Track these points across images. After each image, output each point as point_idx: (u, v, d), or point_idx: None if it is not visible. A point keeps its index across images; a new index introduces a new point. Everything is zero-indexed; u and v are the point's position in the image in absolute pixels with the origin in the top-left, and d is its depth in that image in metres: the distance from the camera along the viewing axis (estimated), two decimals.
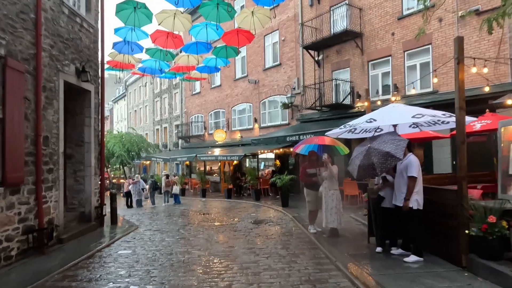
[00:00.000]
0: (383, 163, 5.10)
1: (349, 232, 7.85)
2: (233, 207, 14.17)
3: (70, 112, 8.86)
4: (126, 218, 11.96)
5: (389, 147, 5.17)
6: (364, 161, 5.35)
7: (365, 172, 5.35)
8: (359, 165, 5.41)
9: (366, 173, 5.35)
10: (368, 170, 5.28)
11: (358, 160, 5.49)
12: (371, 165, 5.21)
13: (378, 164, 5.12)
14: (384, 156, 5.12)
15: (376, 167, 5.13)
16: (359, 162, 5.44)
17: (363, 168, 5.34)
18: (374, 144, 5.48)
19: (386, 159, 5.10)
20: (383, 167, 5.13)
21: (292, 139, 13.57)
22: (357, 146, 6.18)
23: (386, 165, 5.12)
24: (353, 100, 14.22)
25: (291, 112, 17.53)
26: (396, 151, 5.10)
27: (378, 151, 5.21)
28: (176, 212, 13.81)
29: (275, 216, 11.02)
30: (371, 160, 5.23)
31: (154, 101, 35.46)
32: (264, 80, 19.53)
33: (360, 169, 5.39)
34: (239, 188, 18.65)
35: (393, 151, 5.09)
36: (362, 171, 5.38)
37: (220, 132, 22.43)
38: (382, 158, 5.12)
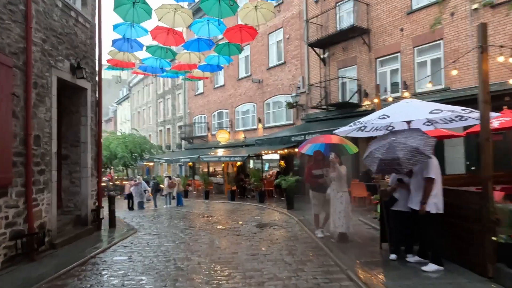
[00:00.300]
0: (410, 159, 4.65)
1: (359, 236, 7.38)
2: (236, 210, 13.74)
3: (66, 110, 8.48)
4: (126, 221, 11.56)
5: (417, 143, 4.73)
6: (387, 155, 4.88)
7: (387, 167, 4.87)
8: (381, 158, 4.94)
9: (389, 168, 4.86)
10: (391, 164, 4.80)
11: (379, 153, 5.03)
12: (395, 160, 4.74)
13: (404, 159, 4.66)
14: (412, 151, 4.67)
15: (402, 162, 4.67)
16: (380, 156, 4.98)
17: (385, 162, 4.87)
18: (399, 138, 5.03)
19: (413, 155, 4.65)
20: (410, 163, 4.67)
21: (297, 139, 13.12)
22: (375, 139, 5.72)
23: (413, 161, 4.67)
24: (360, 98, 13.74)
25: (296, 111, 17.08)
26: (425, 148, 4.65)
27: (405, 146, 4.76)
28: (177, 214, 13.40)
29: (280, 219, 10.57)
30: (395, 155, 4.77)
31: (157, 102, 35.18)
32: (268, 80, 19.10)
33: (381, 163, 4.92)
34: (243, 189, 18.21)
35: (421, 148, 4.64)
36: (384, 165, 4.90)
37: (224, 132, 22.03)
38: (410, 153, 4.67)
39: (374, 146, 5.29)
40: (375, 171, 5.07)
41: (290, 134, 13.91)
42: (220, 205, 16.21)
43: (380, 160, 4.92)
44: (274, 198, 16.70)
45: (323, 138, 7.73)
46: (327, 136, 7.72)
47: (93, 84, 8.92)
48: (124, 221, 11.70)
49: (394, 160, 4.75)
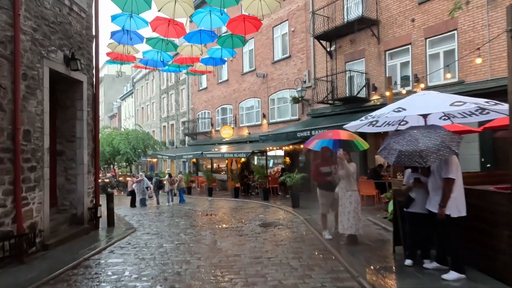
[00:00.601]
0: (435, 153, 4.19)
1: (369, 238, 6.93)
2: (240, 207, 13.34)
3: (60, 104, 8.10)
4: (126, 219, 11.21)
5: (442, 137, 4.28)
6: (407, 147, 4.43)
7: (407, 159, 4.40)
8: (400, 150, 4.48)
9: (408, 160, 4.40)
10: (411, 157, 4.34)
11: (398, 145, 4.58)
12: (416, 152, 4.29)
13: (427, 152, 4.21)
14: (437, 145, 4.22)
15: (424, 155, 4.21)
16: (399, 147, 4.53)
17: (405, 154, 4.41)
18: (422, 131, 4.59)
19: (438, 149, 4.19)
20: (433, 157, 4.21)
21: (303, 135, 12.67)
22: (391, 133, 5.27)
23: (437, 156, 4.20)
24: (369, 92, 13.23)
25: (301, 106, 16.60)
26: (451, 143, 4.20)
27: (429, 139, 4.32)
28: (179, 212, 13.02)
29: (285, 218, 10.14)
30: (417, 147, 4.31)
31: (161, 97, 34.82)
32: (272, 74, 18.62)
33: (400, 155, 4.46)
34: (247, 186, 17.80)
35: (447, 142, 4.19)
36: (403, 157, 4.44)
37: (227, 128, 21.61)
38: (434, 147, 4.22)
39: (392, 139, 4.84)
40: (392, 162, 4.60)
41: (296, 130, 13.45)
42: (223, 202, 15.82)
43: (399, 152, 4.46)
44: (279, 195, 16.27)
45: (331, 134, 7.26)
46: (336, 132, 7.24)
47: (89, 77, 8.53)
48: (124, 219, 11.36)
49: (415, 152, 4.30)
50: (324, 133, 7.69)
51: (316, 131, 11.60)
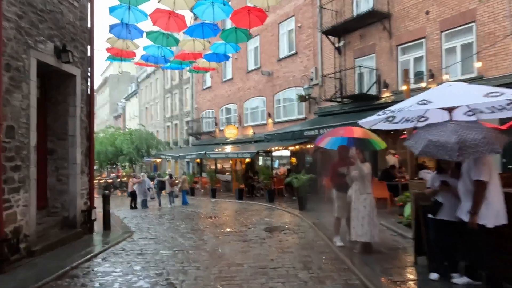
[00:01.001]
0: (472, 148, 3.59)
1: (385, 246, 6.31)
2: (244, 210, 12.75)
3: (52, 100, 7.58)
4: (125, 222, 10.69)
5: (485, 133, 3.67)
6: (440, 137, 3.83)
7: (436, 150, 3.80)
8: (431, 139, 3.89)
9: (437, 152, 3.79)
10: (442, 148, 3.74)
11: (430, 134, 3.99)
12: (449, 144, 3.69)
13: (462, 146, 3.61)
14: (477, 140, 3.61)
15: (459, 148, 3.61)
16: (430, 136, 3.94)
17: (435, 144, 3.82)
18: (460, 123, 4.00)
19: (477, 144, 3.58)
20: (469, 152, 3.62)
21: (310, 134, 12.06)
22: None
23: (475, 151, 3.61)
24: (379, 89, 12.60)
25: (308, 105, 16.00)
26: (494, 141, 3.59)
27: (468, 133, 3.72)
28: (181, 215, 12.48)
29: (292, 222, 9.54)
30: (453, 139, 3.71)
31: (165, 97, 34.39)
32: (278, 72, 18.04)
33: (429, 144, 3.87)
34: (251, 188, 17.22)
35: (490, 139, 3.58)
36: (432, 147, 3.84)
37: (232, 128, 21.06)
38: (473, 141, 3.62)
39: (424, 129, 4.26)
40: (418, 152, 4.00)
41: (302, 129, 12.83)
42: (227, 204, 15.26)
43: (428, 141, 3.87)
44: (285, 197, 15.67)
45: (343, 131, 6.64)
46: (348, 129, 6.61)
47: (83, 71, 8.00)
48: (123, 221, 10.85)
49: (447, 143, 3.70)
50: (336, 130, 7.05)
51: (325, 130, 10.99)
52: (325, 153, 15.06)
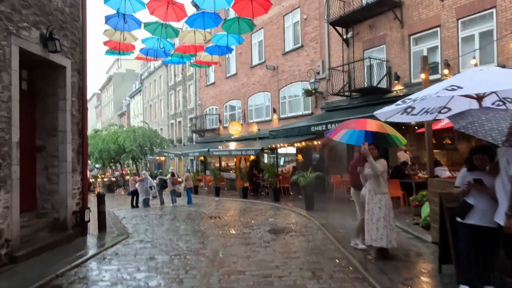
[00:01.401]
0: None
1: (402, 251, 5.71)
2: (248, 209, 12.20)
3: (41, 93, 7.07)
4: (123, 222, 10.18)
5: None
6: (494, 119, 3.23)
7: (481, 129, 3.17)
8: (480, 116, 3.31)
9: (483, 131, 3.16)
10: (490, 130, 3.12)
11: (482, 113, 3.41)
12: (501, 128, 3.08)
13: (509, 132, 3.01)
14: None
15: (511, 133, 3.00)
16: (482, 115, 3.35)
17: (482, 124, 3.22)
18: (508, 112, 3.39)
19: None
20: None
21: (318, 129, 11.45)
22: None
23: None
24: (390, 82, 11.95)
25: (314, 100, 15.38)
26: None
27: None
28: (182, 214, 11.96)
29: (298, 223, 8.96)
30: (506, 124, 3.10)
31: (168, 94, 33.93)
32: (283, 66, 17.42)
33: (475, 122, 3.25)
34: (256, 186, 16.66)
35: None
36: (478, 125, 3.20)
37: (236, 124, 20.50)
38: None
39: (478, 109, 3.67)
40: (458, 126, 3.37)
41: (309, 124, 12.22)
42: (231, 203, 14.72)
43: (477, 117, 3.30)
44: (291, 196, 15.09)
45: (355, 124, 5.99)
46: (361, 122, 5.97)
47: (74, 62, 7.47)
48: (121, 222, 10.36)
49: (497, 125, 3.09)
50: (348, 122, 6.37)
51: (333, 125, 10.39)
52: (332, 149, 14.47)
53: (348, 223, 8.18)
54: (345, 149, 13.77)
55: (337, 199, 12.20)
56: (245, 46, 20.46)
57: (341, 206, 10.90)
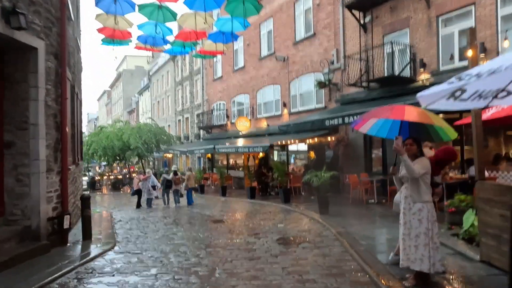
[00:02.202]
0: None
1: (447, 274, 4.49)
2: (255, 212, 11.07)
3: (10, 80, 6.04)
4: (116, 227, 9.19)
5: None
6: None
7: None
8: None
9: None
10: None
11: None
12: None
13: None
14: None
15: None
16: None
17: None
18: None
19: None
20: None
21: (333, 123, 10.22)
22: None
23: None
24: (415, 71, 10.65)
25: (328, 92, 14.14)
26: None
27: None
28: (183, 217, 10.91)
29: (311, 230, 7.78)
30: None
31: (175, 90, 32.98)
32: (294, 56, 16.19)
33: None
34: (265, 186, 15.51)
35: None
36: None
37: (244, 120, 19.37)
38: None
39: None
40: None
41: (323, 117, 10.97)
42: (238, 204, 13.62)
43: None
44: (302, 196, 13.91)
45: (390, 112, 4.67)
46: (398, 109, 4.59)
47: (49, 44, 6.42)
48: (114, 226, 9.36)
49: None
50: (382, 110, 4.96)
51: (351, 118, 9.16)
52: (348, 146, 13.23)
53: (369, 233, 7.00)
54: (361, 146, 12.54)
55: (354, 202, 10.97)
56: (253, 37, 19.32)
57: (359, 210, 9.68)
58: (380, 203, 10.49)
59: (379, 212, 9.24)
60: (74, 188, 9.57)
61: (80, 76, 12.35)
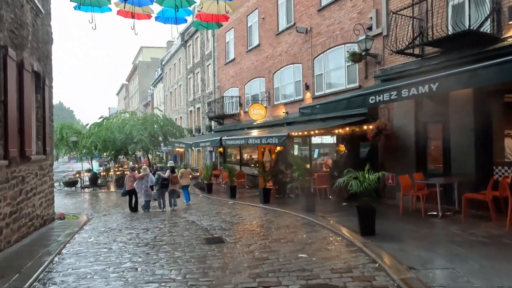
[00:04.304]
0: None
1: None
2: (268, 225, 8.13)
3: None
4: (64, 252, 6.46)
5: None
6: None
7: None
8: None
9: None
10: None
11: None
12: None
13: None
14: None
15: None
16: None
17: None
18: None
19: None
20: None
21: (383, 100, 6.88)
22: None
23: None
24: (499, 25, 7.33)
25: (364, 67, 10.94)
26: None
27: None
28: (172, 230, 8.09)
29: (353, 269, 4.73)
30: None
31: (187, 78, 30.34)
32: (319, 26, 13.02)
33: None
34: (283, 186, 12.53)
35: None
36: None
37: (258, 107, 16.37)
38: None
39: None
40: None
41: (366, 92, 7.57)
42: (247, 210, 10.69)
43: None
44: (330, 201, 10.83)
45: None
46: None
47: None
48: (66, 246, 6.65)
49: None
50: None
51: (411, 90, 5.97)
52: (392, 136, 10.06)
53: (465, 283, 3.89)
54: (411, 135, 9.34)
55: (406, 214, 7.81)
56: (269, 8, 16.24)
57: (421, 229, 6.54)
58: (446, 216, 7.30)
59: (456, 233, 6.09)
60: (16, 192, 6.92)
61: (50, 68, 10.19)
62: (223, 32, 21.22)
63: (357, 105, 7.39)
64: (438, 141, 8.89)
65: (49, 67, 10.33)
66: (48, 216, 9.67)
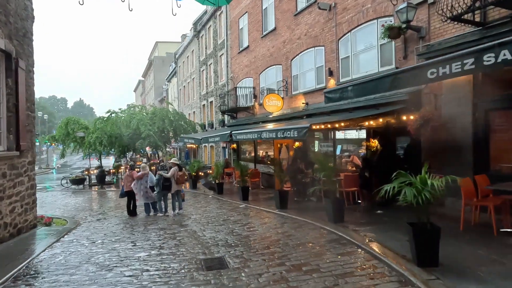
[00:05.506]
0: None
1: None
2: (287, 239, 6.35)
3: None
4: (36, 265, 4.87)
5: None
6: None
7: None
8: None
9: None
10: None
11: None
12: None
13: None
14: None
15: None
16: None
17: None
18: None
19: None
20: None
21: (449, 71, 4.84)
22: None
23: None
24: None
25: (402, 45, 8.97)
26: None
27: None
28: (165, 246, 6.41)
29: None
30: None
31: (200, 71, 28.79)
32: (345, 1, 11.07)
33: None
34: (302, 188, 10.71)
35: None
36: None
37: (274, 98, 14.55)
38: None
39: None
40: None
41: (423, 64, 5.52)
42: (260, 218, 8.92)
43: None
44: (361, 208, 8.94)
45: None
46: None
47: None
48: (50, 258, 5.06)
49: None
50: None
51: (507, 53, 4.06)
52: (441, 129, 8.07)
53: None
54: (468, 126, 7.35)
55: (468, 228, 5.87)
56: None
57: (503, 256, 4.61)
58: None
59: None
60: None
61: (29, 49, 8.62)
62: (237, 18, 19.48)
63: (407, 83, 5.43)
64: (506, 133, 6.86)
65: (28, 48, 8.80)
66: (25, 223, 8.18)
